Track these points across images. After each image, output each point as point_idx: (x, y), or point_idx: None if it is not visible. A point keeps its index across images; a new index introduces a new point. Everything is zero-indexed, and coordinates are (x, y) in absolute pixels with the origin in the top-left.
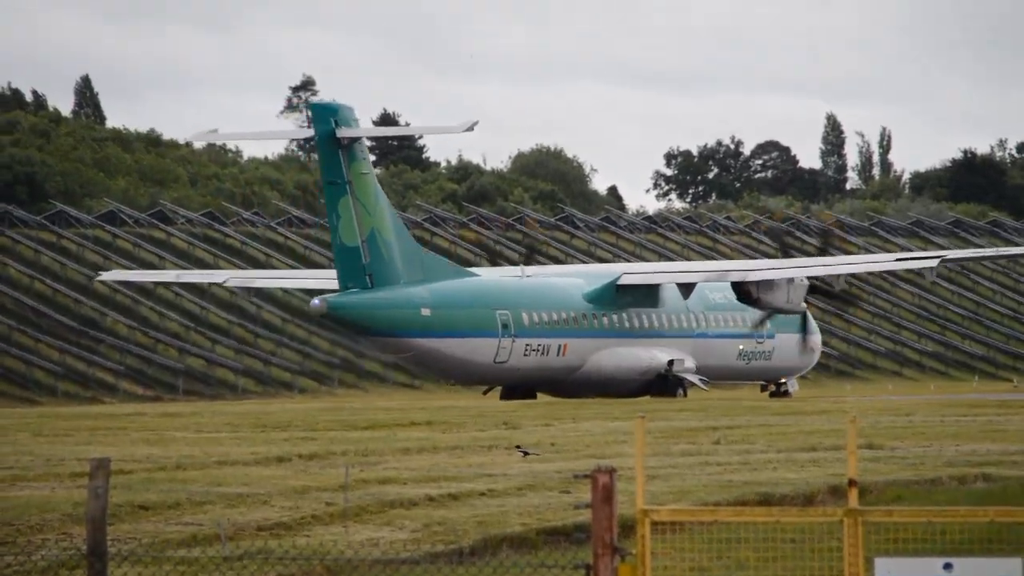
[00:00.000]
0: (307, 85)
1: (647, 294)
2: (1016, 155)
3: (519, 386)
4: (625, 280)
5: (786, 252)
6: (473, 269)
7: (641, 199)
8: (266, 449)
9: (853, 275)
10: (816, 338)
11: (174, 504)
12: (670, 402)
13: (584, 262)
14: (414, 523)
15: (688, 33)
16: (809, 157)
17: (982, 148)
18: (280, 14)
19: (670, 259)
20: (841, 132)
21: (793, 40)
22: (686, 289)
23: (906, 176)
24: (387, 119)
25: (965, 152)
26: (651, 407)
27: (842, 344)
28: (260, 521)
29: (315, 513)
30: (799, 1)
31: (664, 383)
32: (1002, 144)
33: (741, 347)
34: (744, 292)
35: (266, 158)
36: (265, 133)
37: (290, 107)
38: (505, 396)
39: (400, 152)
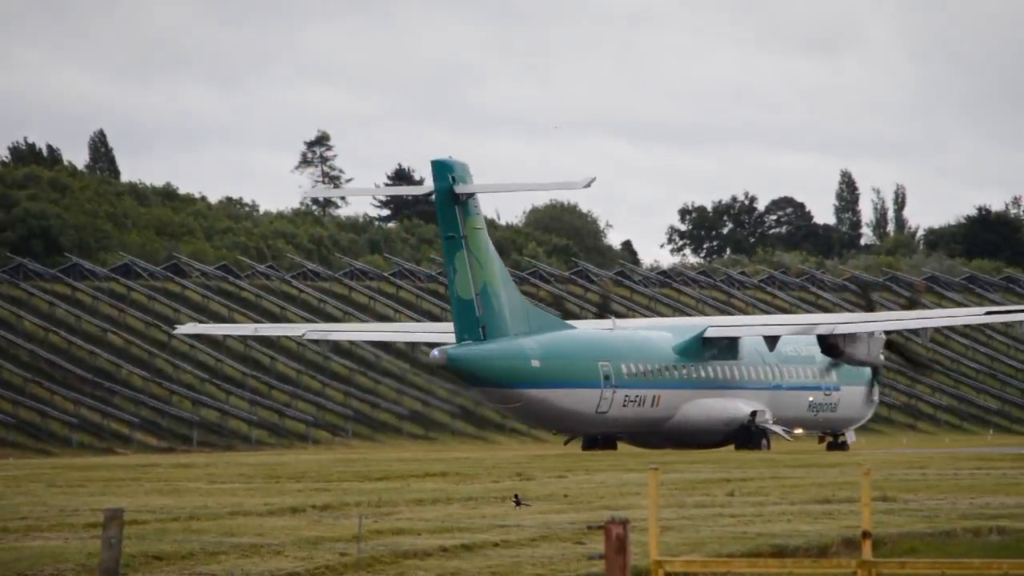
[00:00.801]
0: (322, 140)
1: (729, 346)
2: None
3: (602, 437)
4: (711, 333)
5: (870, 305)
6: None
7: (655, 254)
8: (280, 500)
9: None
10: (877, 391)
11: (187, 554)
12: (685, 454)
13: (599, 316)
14: (427, 574)
15: (701, 89)
16: (823, 213)
17: (997, 205)
18: (292, 70)
19: (685, 314)
20: (855, 188)
21: (806, 97)
22: (771, 342)
23: (920, 232)
24: (402, 175)
25: (980, 209)
26: (665, 459)
27: None
28: (273, 571)
29: (328, 564)
30: (811, 59)
31: (748, 434)
32: (1016, 201)
33: (811, 398)
34: (830, 345)
35: (280, 212)
36: (381, 190)
37: (305, 162)
38: (587, 446)
39: (415, 206)
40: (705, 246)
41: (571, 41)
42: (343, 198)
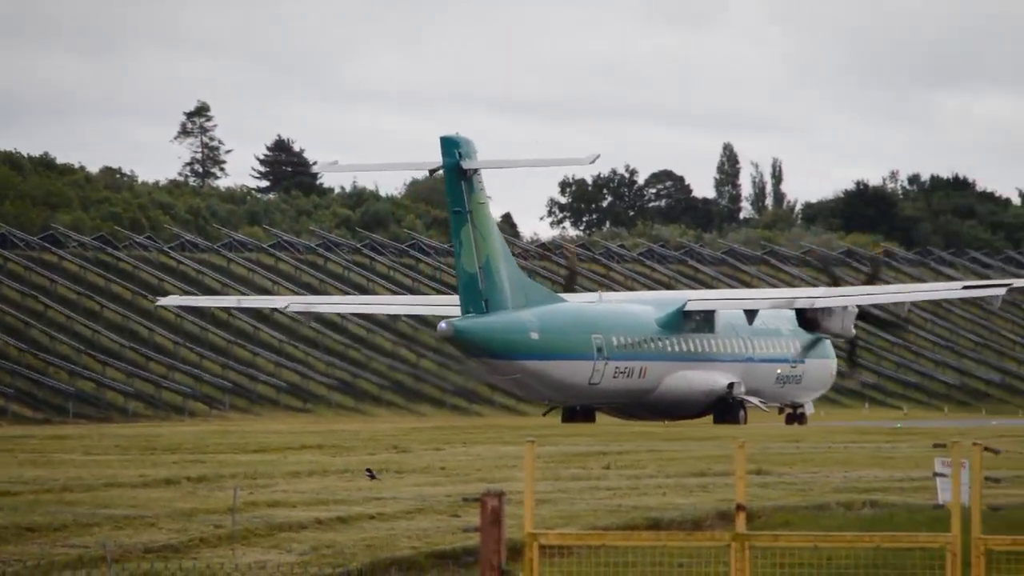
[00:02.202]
0: (201, 111)
1: (706, 319)
2: (907, 186)
3: (582, 408)
4: (691, 306)
5: (835, 280)
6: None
7: (535, 226)
8: (155, 472)
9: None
10: (834, 363)
11: (60, 526)
12: (565, 428)
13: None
14: (302, 546)
15: (580, 63)
16: (703, 187)
17: (874, 179)
18: (162, 40)
19: (560, 285)
20: (736, 162)
21: (681, 71)
22: (751, 315)
23: (799, 206)
24: (281, 145)
25: (857, 183)
26: (545, 433)
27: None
28: (147, 543)
29: (203, 536)
30: (682, 33)
31: (726, 405)
32: (893, 176)
33: (779, 371)
34: (808, 319)
35: (158, 183)
36: (389, 164)
37: (184, 132)
38: (567, 418)
39: (294, 177)
40: (585, 219)
41: (447, 15)
42: (222, 168)
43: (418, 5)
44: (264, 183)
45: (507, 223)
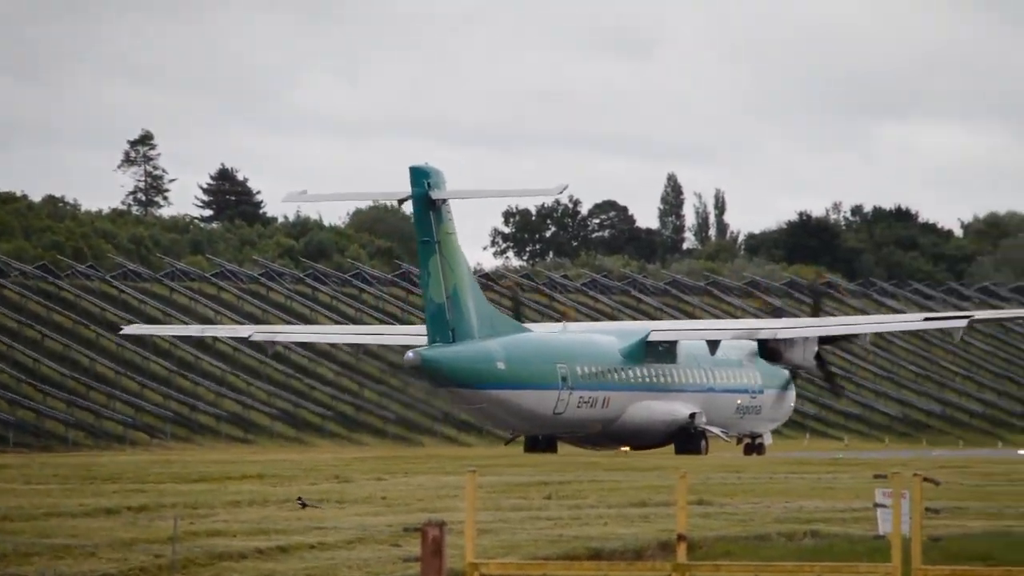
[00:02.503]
0: (145, 140)
1: (668, 350)
2: (850, 218)
3: (544, 438)
4: (654, 337)
5: (817, 311)
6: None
7: (479, 256)
8: (95, 501)
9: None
10: (793, 394)
11: (0, 556)
12: (507, 457)
13: (422, 319)
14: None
15: (524, 92)
16: (647, 217)
17: (817, 211)
18: (102, 67)
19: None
20: (680, 193)
21: (623, 100)
22: (713, 346)
23: (741, 237)
24: (225, 174)
25: (800, 214)
26: (486, 463)
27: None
28: (87, 573)
29: (143, 565)
30: (624, 61)
31: (688, 435)
32: (836, 207)
33: (739, 402)
34: (770, 349)
35: (101, 212)
36: (356, 194)
37: (127, 160)
38: (529, 447)
39: (238, 207)
40: (528, 249)
41: (389, 43)
42: (165, 197)
43: (360, 34)
44: (208, 212)
45: None
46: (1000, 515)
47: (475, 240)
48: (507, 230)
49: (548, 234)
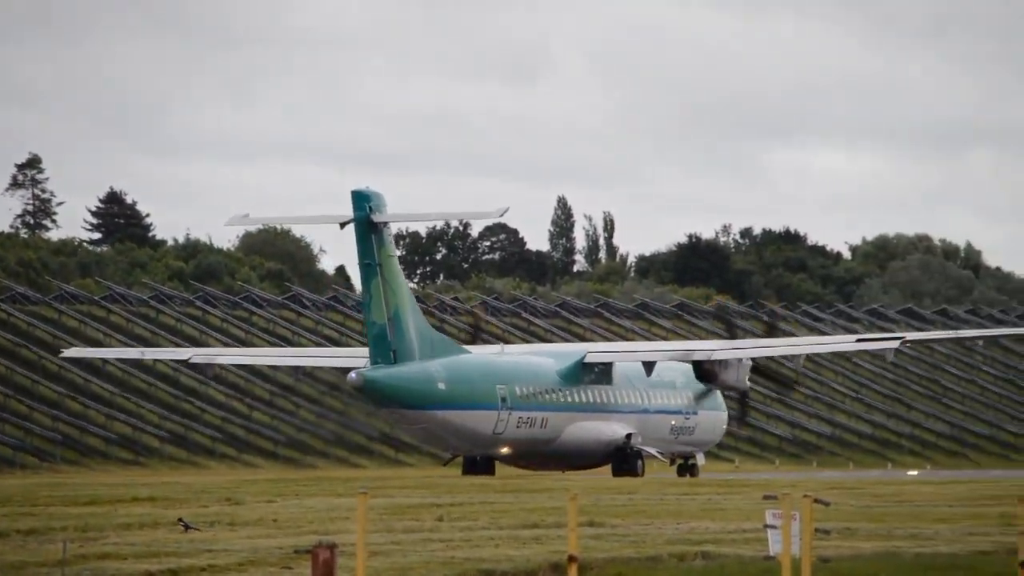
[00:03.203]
0: (33, 163)
1: (604, 371)
2: (739, 240)
3: (481, 458)
4: (590, 358)
5: (732, 333)
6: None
7: None
8: None
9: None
10: (725, 415)
11: None
12: (398, 479)
13: (313, 342)
14: None
15: (413, 115)
16: (537, 239)
17: (707, 233)
18: None
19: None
20: (570, 215)
21: (509, 123)
22: (649, 367)
23: (632, 259)
24: (114, 197)
25: (690, 236)
26: (378, 484)
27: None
28: None
29: None
30: (508, 85)
31: (624, 456)
32: (726, 229)
33: (673, 423)
34: (705, 371)
35: None
36: (301, 218)
37: (15, 184)
38: (467, 467)
39: (127, 229)
40: (419, 271)
41: (274, 66)
42: (54, 220)
43: (247, 57)
44: (96, 235)
45: (341, 276)
46: (889, 536)
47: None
48: (398, 252)
49: (439, 256)
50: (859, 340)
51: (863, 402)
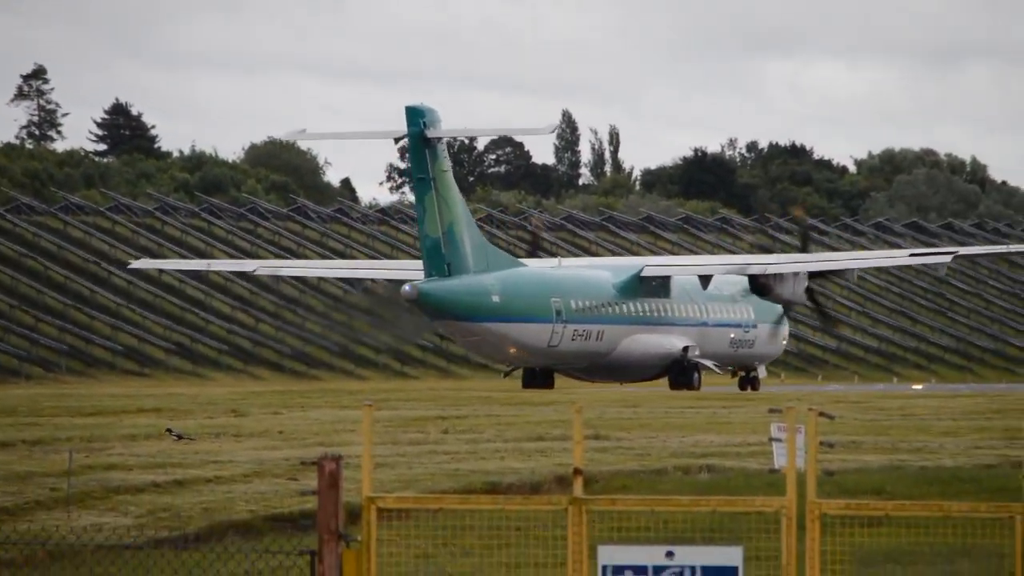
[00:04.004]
0: (38, 74)
1: (662, 284)
2: (745, 154)
3: (541, 370)
4: (647, 272)
5: (805, 246)
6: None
7: (375, 192)
8: None
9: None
10: (786, 329)
11: None
12: (404, 391)
13: (318, 254)
14: (139, 509)
15: (418, 31)
16: (543, 153)
17: (712, 147)
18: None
19: (402, 251)
20: (576, 129)
21: (510, 39)
22: (705, 281)
23: (637, 173)
24: (119, 109)
25: (695, 151)
26: (383, 397)
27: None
28: None
29: (38, 498)
30: (521, 3)
31: (681, 368)
32: (732, 143)
33: (732, 335)
34: (760, 284)
35: None
36: (355, 133)
37: (20, 95)
38: (527, 379)
39: (132, 141)
40: None
41: None
42: (59, 131)
43: None
44: (102, 146)
45: (347, 188)
46: (894, 449)
47: (371, 176)
48: (403, 165)
49: None
50: (912, 255)
51: (869, 316)
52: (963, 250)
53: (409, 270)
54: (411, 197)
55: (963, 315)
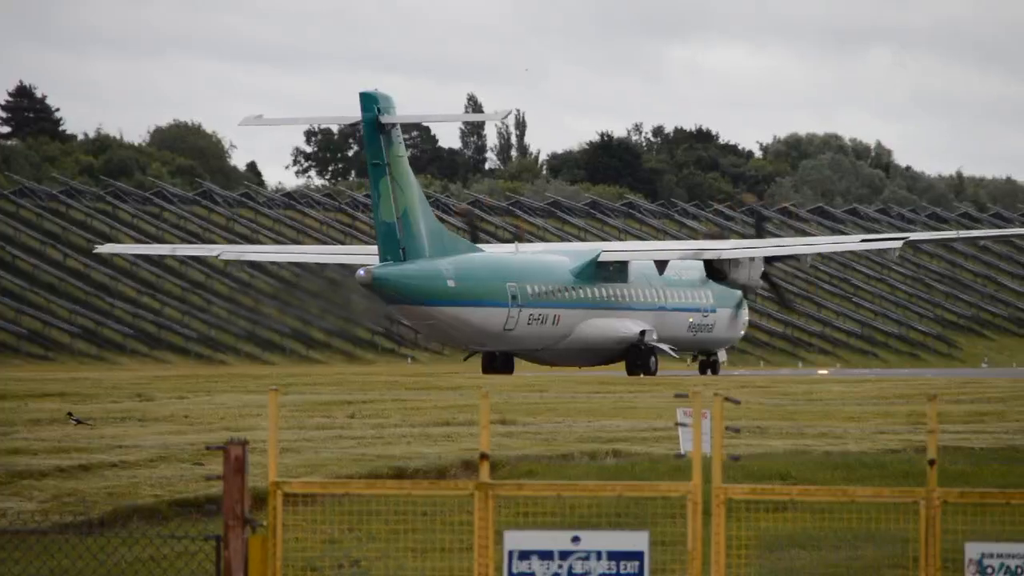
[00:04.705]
0: None
1: (619, 270)
2: (651, 139)
3: (501, 355)
4: (604, 257)
5: (760, 232)
6: None
7: (281, 175)
8: None
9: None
10: (745, 313)
11: None
12: (309, 376)
13: (224, 239)
14: (43, 494)
15: (321, 14)
16: (449, 137)
17: (619, 131)
18: None
19: (308, 235)
20: (482, 113)
21: (408, 21)
22: (661, 266)
23: (543, 158)
24: (24, 91)
25: (602, 135)
26: (289, 381)
27: None
28: None
29: None
30: None
31: (638, 352)
32: (638, 128)
33: (691, 320)
34: (715, 269)
35: None
36: (310, 118)
37: None
38: (486, 364)
39: (37, 123)
40: (331, 168)
41: None
42: None
43: None
44: (5, 129)
45: (252, 172)
46: (799, 434)
47: (277, 159)
48: (309, 149)
49: (350, 153)
50: (863, 240)
51: (773, 301)
52: (914, 236)
53: (367, 255)
54: (317, 181)
55: (868, 300)
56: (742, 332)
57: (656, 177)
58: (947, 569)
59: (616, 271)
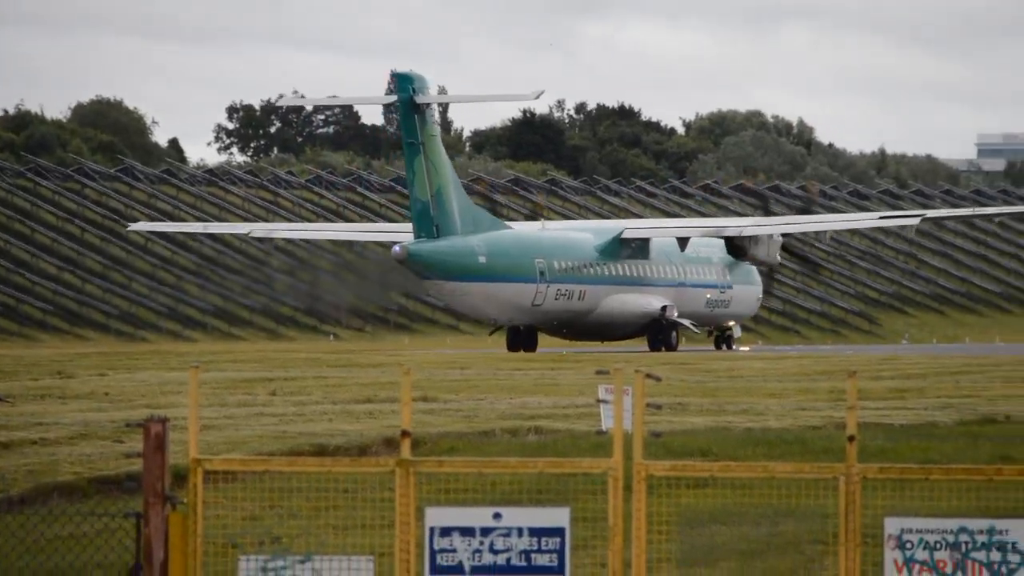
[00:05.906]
0: None
1: (641, 246)
2: (574, 115)
3: (525, 329)
4: (627, 234)
5: (767, 211)
6: None
7: (202, 152)
8: None
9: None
10: (759, 289)
11: None
12: (231, 353)
13: (145, 215)
14: None
15: None
16: (371, 114)
17: (541, 108)
18: None
19: (230, 212)
20: None
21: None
22: (683, 243)
23: (466, 134)
24: None
25: (524, 112)
26: (210, 359)
27: None
28: None
29: None
30: None
31: (660, 327)
32: (560, 104)
33: (708, 295)
34: (736, 246)
35: None
36: (351, 99)
37: None
38: (511, 340)
39: None
40: (253, 145)
41: None
42: None
43: None
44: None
45: (174, 149)
46: (721, 411)
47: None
48: (231, 126)
49: (273, 130)
50: (881, 217)
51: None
52: (931, 213)
53: (402, 232)
54: (239, 158)
55: (789, 277)
56: (757, 307)
57: (579, 154)
58: (867, 544)
59: (638, 248)
